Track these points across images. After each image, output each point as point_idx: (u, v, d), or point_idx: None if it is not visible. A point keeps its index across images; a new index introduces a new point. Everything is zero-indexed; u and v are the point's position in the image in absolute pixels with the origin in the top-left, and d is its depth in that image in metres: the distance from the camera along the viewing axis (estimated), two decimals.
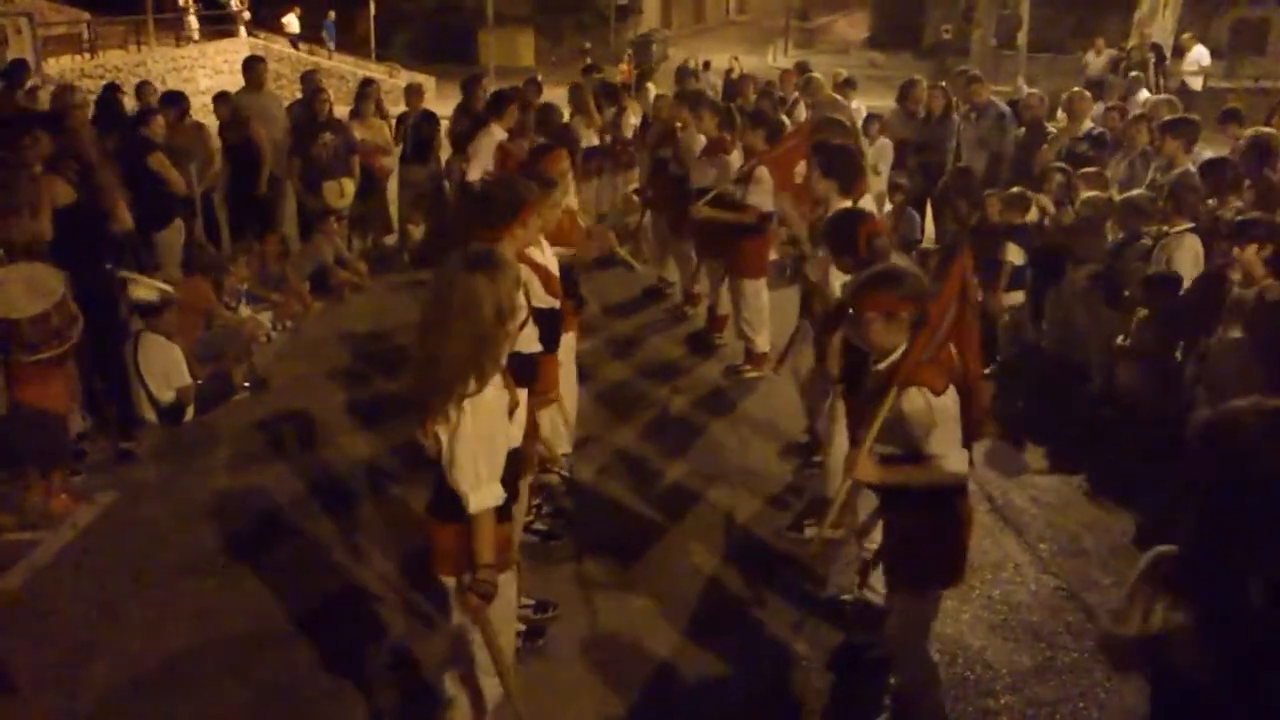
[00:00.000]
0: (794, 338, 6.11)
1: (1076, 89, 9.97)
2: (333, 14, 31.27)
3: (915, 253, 9.01)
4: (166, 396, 6.76)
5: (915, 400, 3.49)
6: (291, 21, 29.39)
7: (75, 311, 5.70)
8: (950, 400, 3.52)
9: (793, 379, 6.16)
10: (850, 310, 4.47)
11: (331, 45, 30.22)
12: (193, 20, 26.59)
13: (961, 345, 3.69)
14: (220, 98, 10.43)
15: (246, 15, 28.07)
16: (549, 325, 4.66)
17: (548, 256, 4.78)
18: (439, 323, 3.19)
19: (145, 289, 6.80)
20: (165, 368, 6.75)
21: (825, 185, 5.33)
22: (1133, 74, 15.49)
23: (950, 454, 3.54)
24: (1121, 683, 4.46)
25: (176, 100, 9.79)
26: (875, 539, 4.47)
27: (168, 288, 7.05)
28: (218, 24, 27.06)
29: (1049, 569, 5.34)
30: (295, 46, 28.70)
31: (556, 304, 4.76)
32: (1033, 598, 5.09)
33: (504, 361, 3.36)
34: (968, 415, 3.64)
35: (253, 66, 10.40)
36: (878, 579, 4.35)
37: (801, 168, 7.00)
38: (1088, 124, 9.20)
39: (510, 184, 4.39)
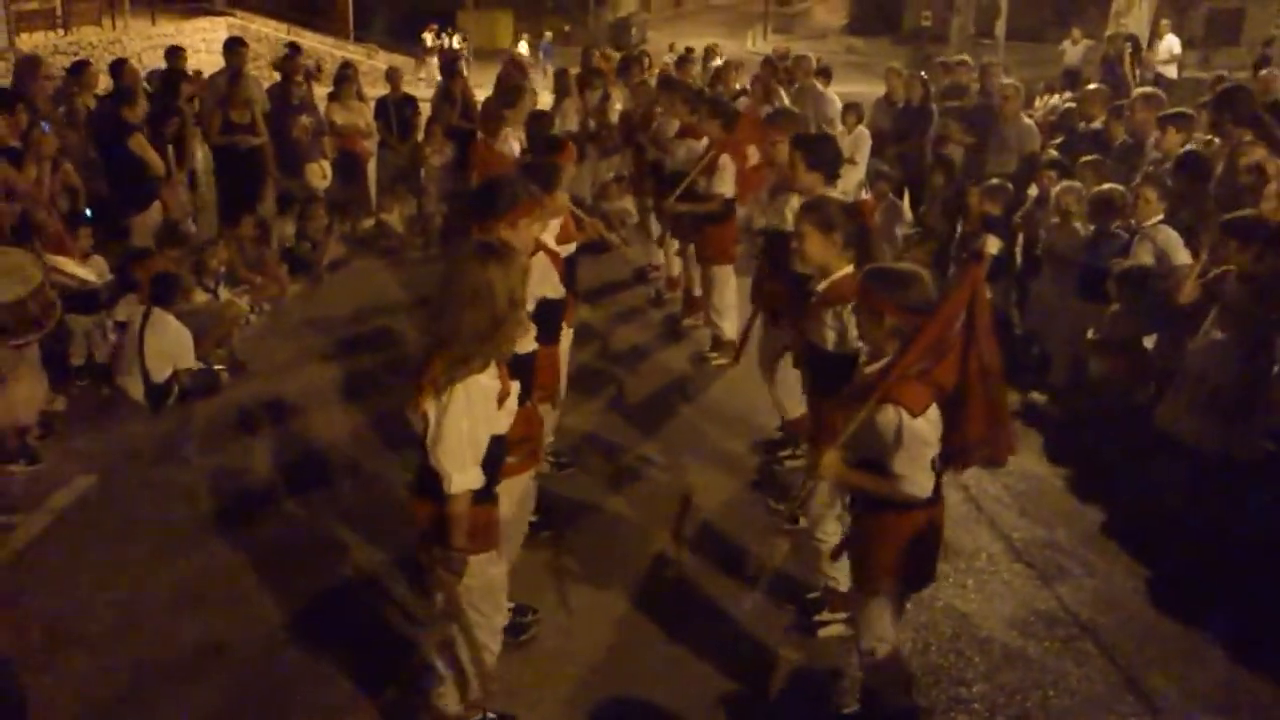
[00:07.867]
0: (748, 326, 6.15)
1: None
2: (550, 34, 29.73)
3: (902, 239, 9.04)
4: (161, 375, 6.74)
5: (889, 417, 3.42)
6: (523, 48, 27.30)
7: (53, 299, 5.65)
8: (926, 424, 3.44)
9: (761, 370, 6.14)
10: (820, 301, 4.50)
11: (549, 66, 26.58)
12: (434, 60, 25.77)
13: (971, 362, 3.49)
14: (210, 80, 10.34)
15: None
16: (553, 317, 4.67)
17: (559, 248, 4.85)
18: (452, 308, 3.32)
19: (71, 266, 6.67)
20: (172, 348, 6.77)
21: (811, 178, 5.21)
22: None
23: (912, 476, 3.48)
24: (1093, 671, 4.55)
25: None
26: (829, 531, 4.61)
27: (89, 270, 6.92)
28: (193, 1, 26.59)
29: (1022, 558, 5.41)
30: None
31: (564, 295, 4.79)
32: (1005, 587, 5.15)
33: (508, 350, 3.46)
34: (961, 433, 3.56)
35: (234, 48, 10.29)
36: (838, 567, 4.46)
37: (753, 153, 7.14)
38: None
39: (505, 184, 4.36)
